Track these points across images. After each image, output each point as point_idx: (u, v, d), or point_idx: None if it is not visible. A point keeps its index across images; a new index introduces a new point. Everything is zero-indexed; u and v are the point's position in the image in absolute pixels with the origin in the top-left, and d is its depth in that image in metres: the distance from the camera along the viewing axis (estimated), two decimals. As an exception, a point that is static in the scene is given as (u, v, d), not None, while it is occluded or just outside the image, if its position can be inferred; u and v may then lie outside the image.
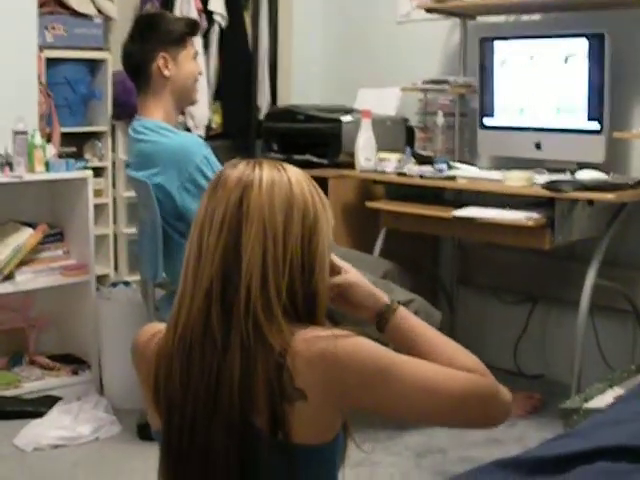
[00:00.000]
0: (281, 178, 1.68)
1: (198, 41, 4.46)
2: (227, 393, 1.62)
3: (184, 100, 3.82)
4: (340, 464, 1.74)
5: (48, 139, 4.28)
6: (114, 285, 4.39)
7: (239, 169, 1.69)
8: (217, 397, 1.63)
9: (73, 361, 4.39)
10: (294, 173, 1.71)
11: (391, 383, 1.63)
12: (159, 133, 3.61)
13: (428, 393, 1.65)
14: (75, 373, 4.31)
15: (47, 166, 4.13)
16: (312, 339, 1.61)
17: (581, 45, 3.98)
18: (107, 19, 4.83)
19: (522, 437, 3.77)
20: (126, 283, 4.40)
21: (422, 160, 4.31)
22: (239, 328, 1.62)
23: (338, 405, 1.64)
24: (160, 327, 1.78)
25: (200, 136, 4.80)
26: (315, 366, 1.59)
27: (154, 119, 3.66)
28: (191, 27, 3.82)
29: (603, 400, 3.50)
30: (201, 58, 4.61)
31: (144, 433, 3.84)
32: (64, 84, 4.60)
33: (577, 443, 1.83)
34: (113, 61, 4.73)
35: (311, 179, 1.74)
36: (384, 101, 4.68)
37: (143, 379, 1.78)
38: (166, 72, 3.65)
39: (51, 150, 4.25)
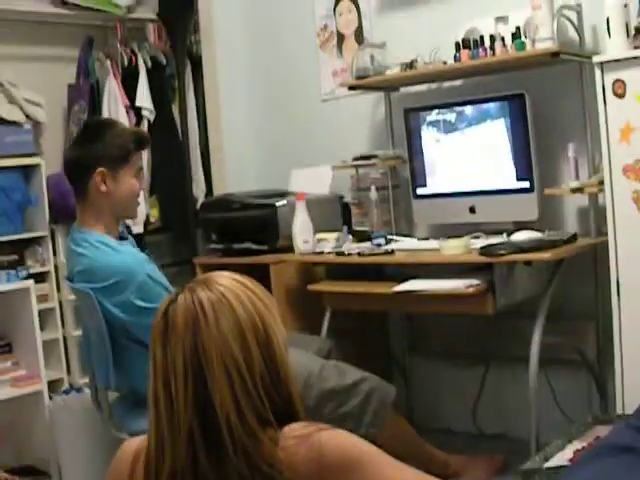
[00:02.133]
0: (220, 301, 1.73)
1: (145, 155, 4.22)
2: None
3: (123, 215, 3.71)
4: None
5: (-13, 251, 4.28)
6: (66, 392, 4.35)
7: (180, 306, 1.73)
8: None
9: (33, 472, 4.33)
10: (228, 287, 1.76)
11: (369, 472, 1.69)
12: (100, 249, 3.51)
13: None
14: (35, 485, 4.26)
15: (-13, 280, 4.12)
16: (299, 432, 1.70)
17: (503, 107, 4.06)
18: (36, 124, 4.85)
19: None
20: (78, 390, 4.36)
21: (360, 236, 4.33)
22: (232, 467, 1.67)
23: None
24: (136, 444, 1.83)
25: (142, 233, 4.82)
26: (301, 457, 1.66)
27: (94, 232, 3.56)
28: (139, 142, 3.63)
29: (563, 456, 3.51)
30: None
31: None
32: (-2, 193, 4.59)
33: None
34: (46, 165, 4.74)
35: (244, 280, 1.79)
36: (317, 180, 4.71)
37: None
38: (103, 188, 3.51)
39: (-10, 262, 4.24)
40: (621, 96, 3.47)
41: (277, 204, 4.47)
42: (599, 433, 3.55)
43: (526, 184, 4.03)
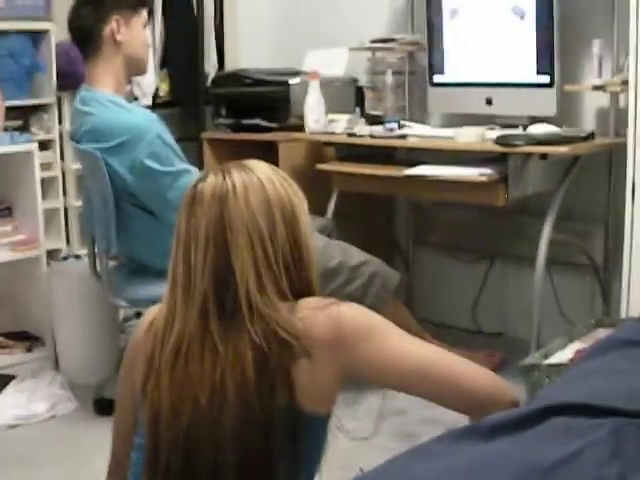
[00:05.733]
0: (252, 180, 1.75)
1: (157, 27, 4.39)
2: (237, 391, 1.69)
3: (136, 68, 3.66)
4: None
5: (-8, 113, 4.18)
6: (65, 259, 4.32)
7: (210, 181, 1.76)
8: (223, 399, 1.69)
9: (27, 338, 4.31)
10: (262, 171, 1.79)
11: (386, 342, 1.73)
12: (109, 108, 3.46)
13: (421, 360, 1.74)
14: (29, 350, 4.23)
15: (-10, 140, 4.04)
16: (316, 304, 1.74)
17: (530, -2, 3.93)
18: (47, -12, 4.71)
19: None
20: (77, 257, 4.32)
21: (373, 120, 4.26)
22: (246, 333, 1.70)
23: (338, 364, 1.72)
24: (155, 310, 1.88)
25: (150, 106, 4.73)
26: (319, 325, 1.71)
27: (104, 90, 3.51)
28: None
29: (563, 355, 3.48)
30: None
31: (100, 408, 3.79)
32: (7, 57, 4.48)
33: (533, 405, 1.80)
34: (56, 31, 4.63)
35: (278, 170, 1.83)
36: (333, 62, 4.60)
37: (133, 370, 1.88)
38: (119, 37, 3.50)
39: (-5, 124, 4.16)
40: (654, -9, 3.34)
41: (291, 82, 4.39)
42: (601, 336, 3.51)
43: (546, 79, 3.92)
